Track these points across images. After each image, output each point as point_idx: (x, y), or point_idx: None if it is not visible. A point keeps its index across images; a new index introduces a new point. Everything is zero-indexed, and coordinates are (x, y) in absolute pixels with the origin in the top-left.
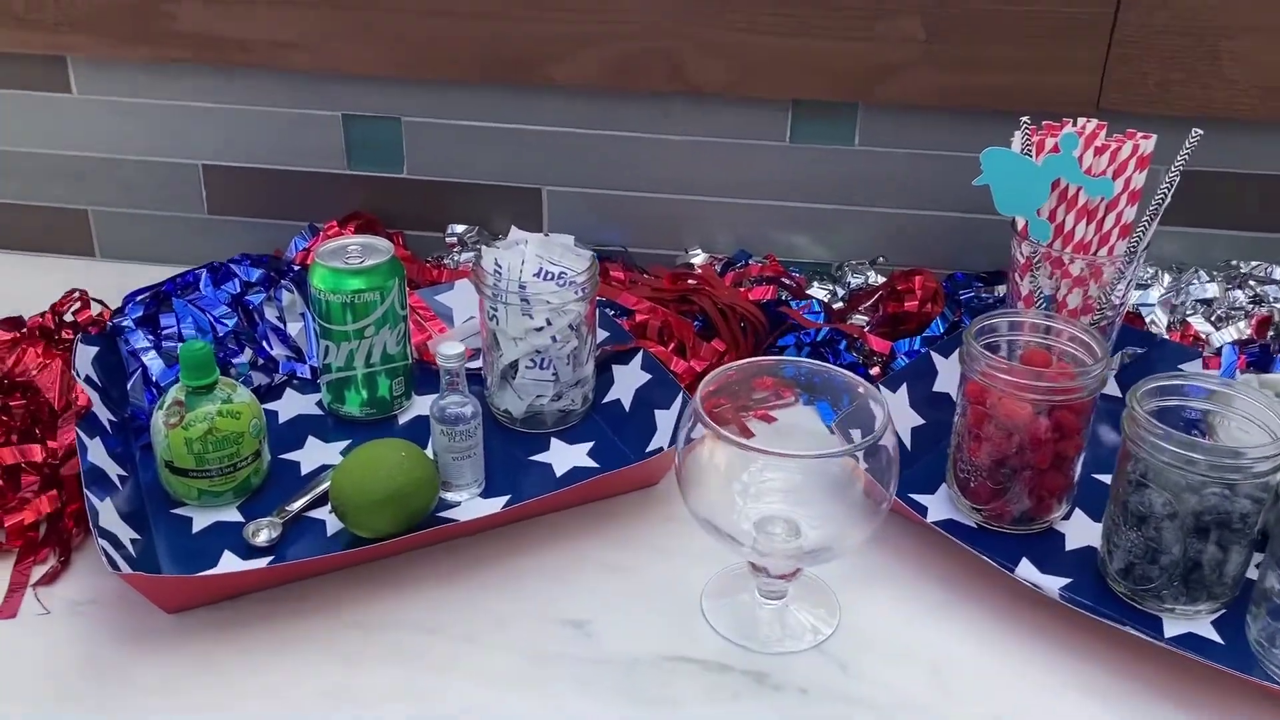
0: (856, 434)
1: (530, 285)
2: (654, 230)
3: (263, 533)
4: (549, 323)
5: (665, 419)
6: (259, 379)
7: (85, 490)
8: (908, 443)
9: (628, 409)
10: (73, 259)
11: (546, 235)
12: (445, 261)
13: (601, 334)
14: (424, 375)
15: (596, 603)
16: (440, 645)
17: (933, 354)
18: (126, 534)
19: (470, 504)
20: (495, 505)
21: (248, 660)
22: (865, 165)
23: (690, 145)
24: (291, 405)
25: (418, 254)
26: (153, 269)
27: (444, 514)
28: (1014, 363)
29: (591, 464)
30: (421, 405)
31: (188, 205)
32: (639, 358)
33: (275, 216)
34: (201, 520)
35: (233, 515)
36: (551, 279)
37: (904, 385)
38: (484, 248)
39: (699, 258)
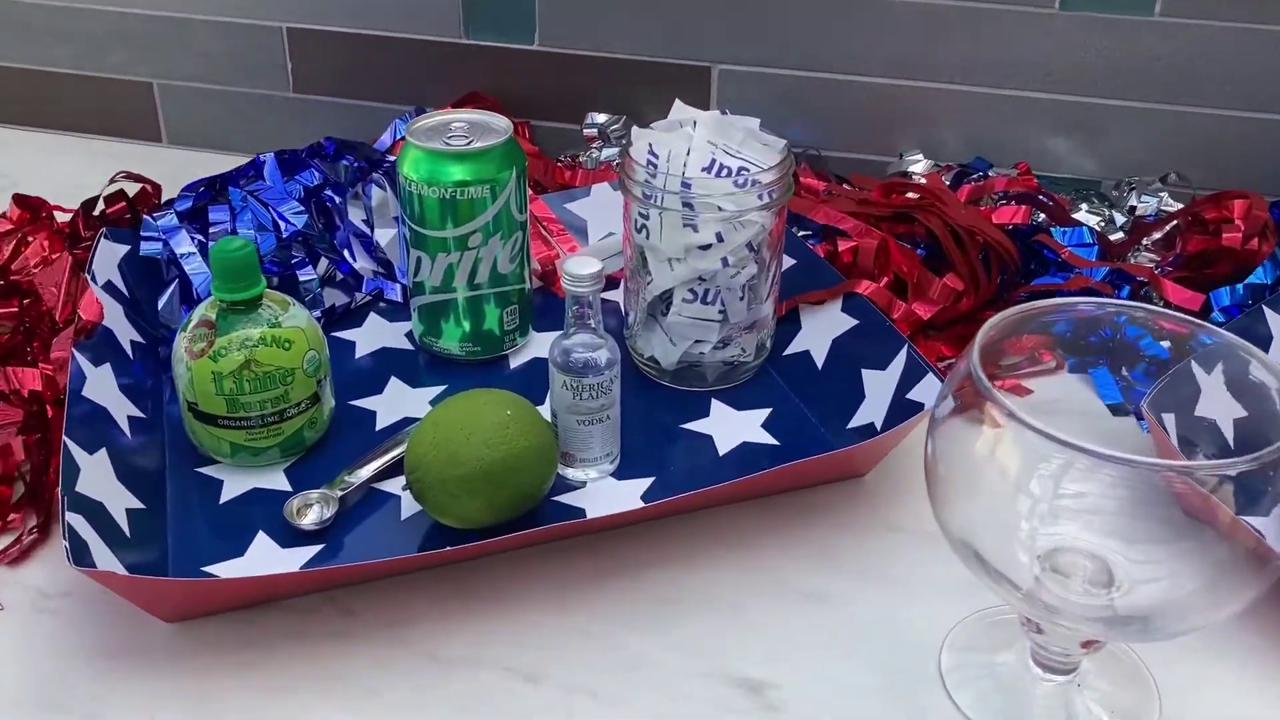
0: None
1: (697, 183)
2: (858, 126)
3: (311, 511)
4: (720, 239)
5: (878, 382)
6: (334, 298)
7: (65, 438)
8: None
9: (820, 365)
10: (135, 144)
11: (724, 112)
12: (581, 160)
13: (786, 261)
14: (545, 306)
15: (781, 651)
16: (545, 698)
17: (1268, 312)
18: (123, 502)
19: (599, 488)
20: (634, 491)
21: (269, 699)
22: (1165, 43)
23: (915, 10)
24: (373, 335)
25: (545, 150)
26: (227, 159)
27: (561, 499)
28: None
29: (767, 439)
30: (540, 346)
31: (269, 80)
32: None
33: (374, 97)
34: (234, 485)
35: (277, 481)
36: (727, 176)
37: (1219, 362)
38: (635, 129)
39: (919, 164)
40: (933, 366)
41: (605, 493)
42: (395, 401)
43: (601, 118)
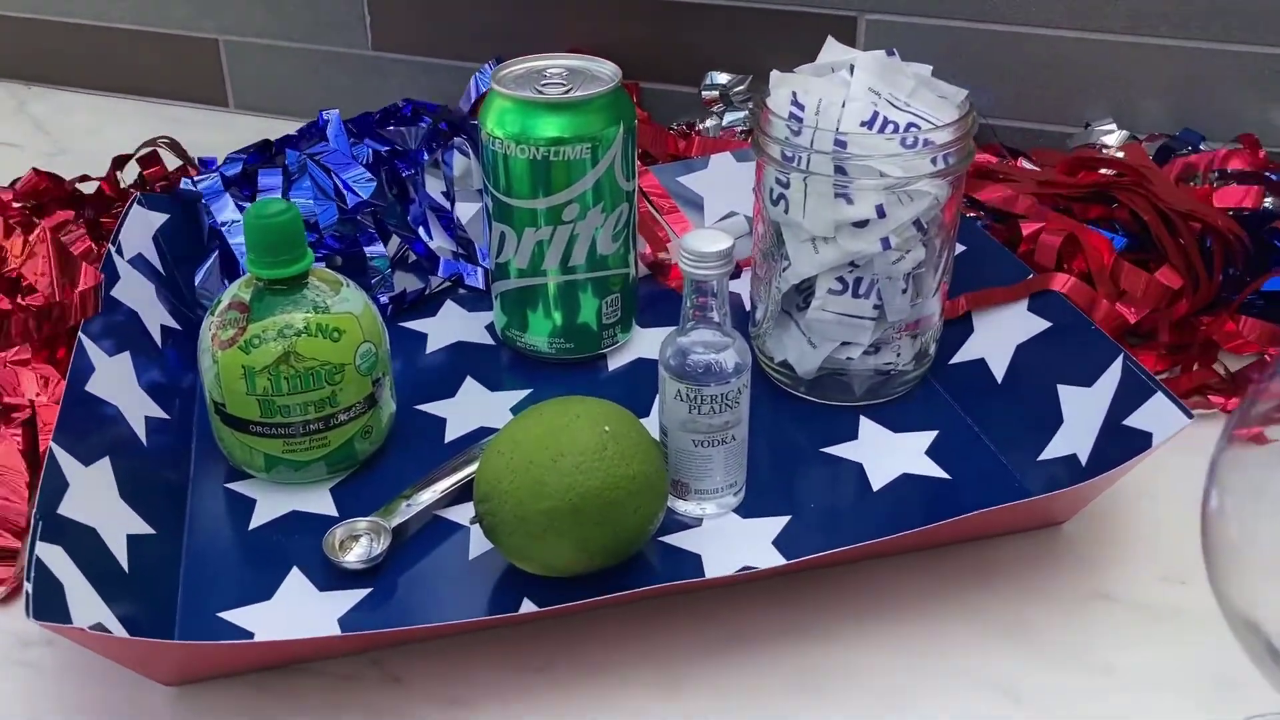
0: None
1: (854, 141)
2: (1036, 90)
3: (358, 545)
4: (881, 213)
5: (1081, 402)
6: (405, 282)
7: (53, 444)
8: None
9: (999, 377)
10: (199, 109)
11: (890, 53)
12: (700, 128)
13: (957, 248)
14: (652, 297)
15: None
16: None
17: None
18: (125, 525)
19: (719, 528)
20: (764, 535)
21: None
22: None
23: None
24: (449, 327)
25: (656, 115)
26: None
27: (670, 540)
28: None
29: (933, 470)
30: (645, 344)
31: (347, 36)
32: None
33: (462, 56)
34: (269, 506)
35: (321, 502)
36: (894, 133)
37: None
38: (775, 74)
39: (1113, 135)
40: (1166, 388)
41: (727, 534)
42: (470, 408)
43: (723, 78)
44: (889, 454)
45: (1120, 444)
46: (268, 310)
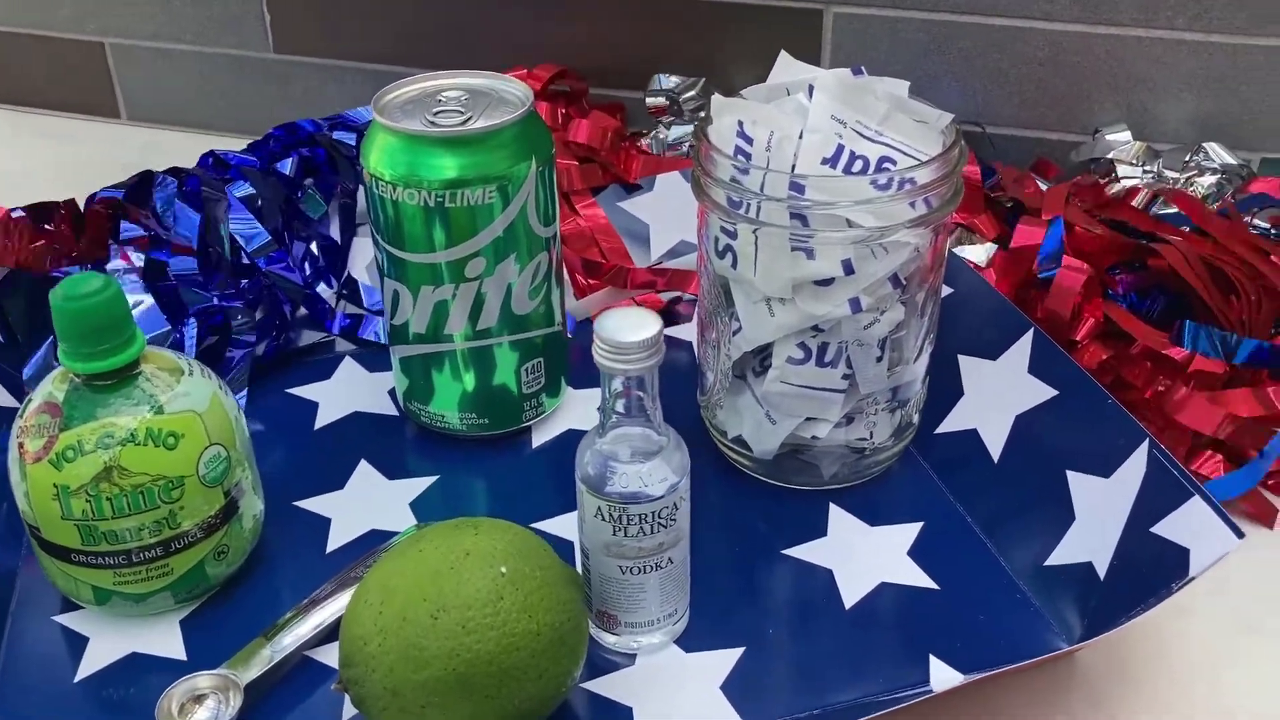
0: None
1: (814, 183)
2: (1035, 91)
3: (203, 709)
4: (849, 269)
5: (1096, 496)
6: (308, 338)
7: None
8: None
9: (996, 455)
10: (90, 121)
11: (857, 71)
12: (644, 142)
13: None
14: (587, 350)
15: None
16: None
17: None
18: None
19: (655, 666)
20: (712, 673)
21: None
22: None
23: None
24: (344, 392)
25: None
26: (199, 139)
27: (593, 687)
28: None
29: (918, 578)
30: (578, 409)
31: (245, 38)
32: (1026, 341)
33: (380, 58)
34: (104, 646)
35: (168, 640)
36: (863, 171)
37: None
38: (717, 99)
39: (1126, 147)
40: (1207, 492)
41: (666, 676)
42: (361, 503)
43: (672, 80)
44: (864, 555)
45: (1148, 558)
46: (85, 413)
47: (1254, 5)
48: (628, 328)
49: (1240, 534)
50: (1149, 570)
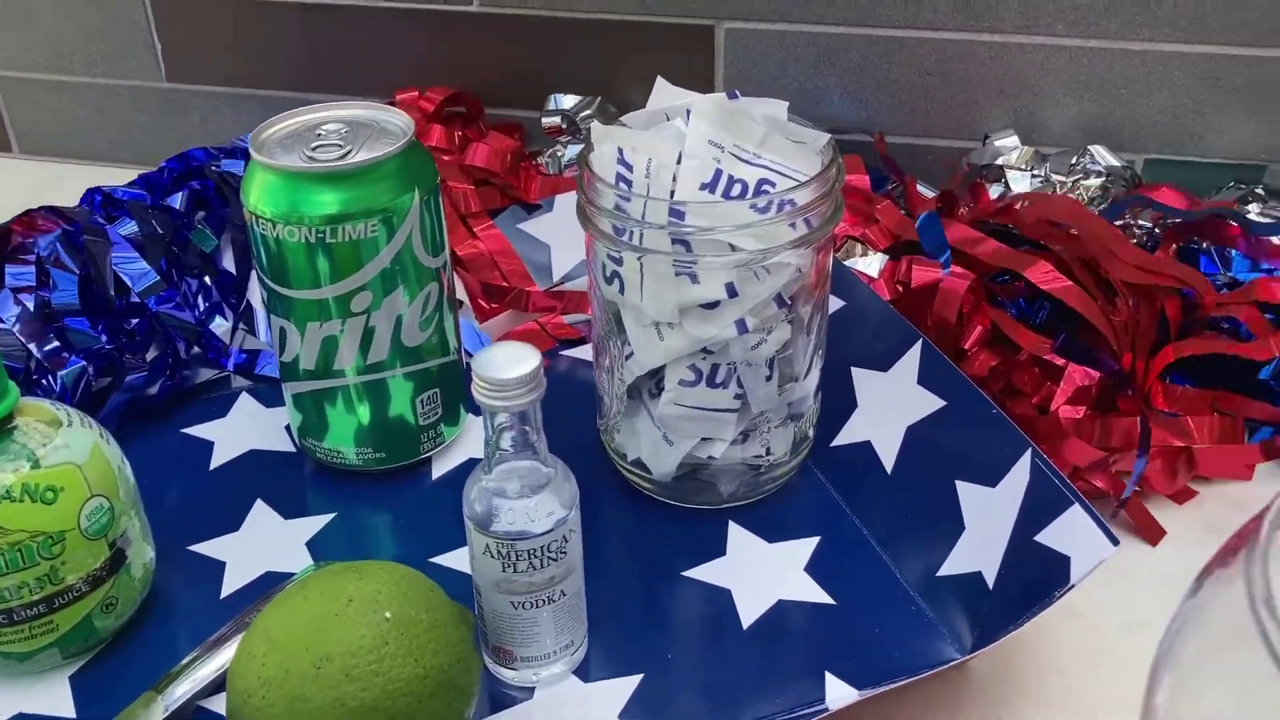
0: None
1: (694, 209)
2: (923, 100)
3: None
4: (733, 292)
5: (984, 506)
6: (205, 375)
7: None
8: None
9: (889, 467)
10: None
11: (733, 96)
12: (541, 161)
13: (834, 302)
14: None
15: None
16: None
17: None
18: None
19: (555, 698)
20: (610, 705)
21: None
22: None
23: None
24: (240, 431)
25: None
26: (95, 171)
27: None
28: None
29: (814, 594)
30: (481, 438)
31: (136, 67)
32: (915, 352)
33: (275, 84)
34: None
35: (57, 698)
36: (742, 195)
37: None
38: (596, 127)
39: (1014, 152)
40: (1085, 500)
41: (564, 708)
42: (257, 545)
43: (569, 100)
44: (762, 573)
45: (1033, 567)
46: None
47: (1127, 11)
48: (506, 364)
49: (1116, 541)
50: (1034, 578)
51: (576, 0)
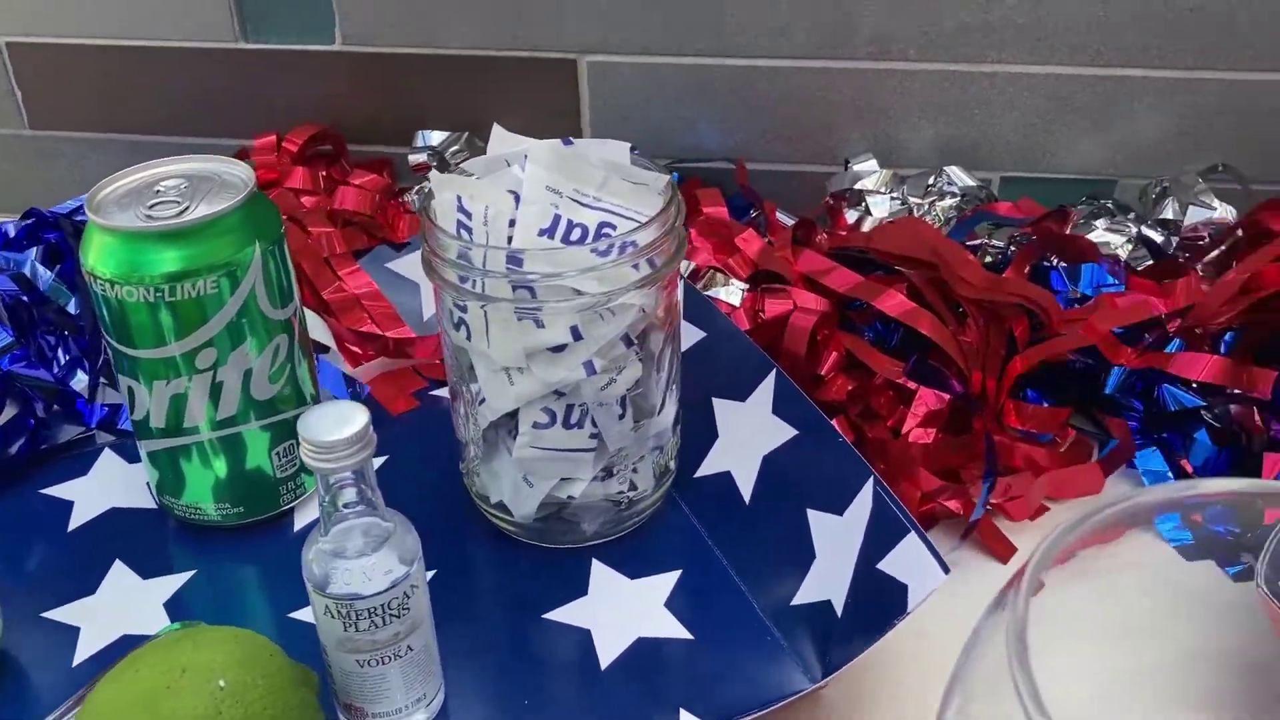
0: None
1: (534, 255)
2: (786, 127)
3: None
4: (578, 335)
5: (833, 534)
6: (69, 432)
7: None
8: None
9: (747, 496)
10: None
11: (568, 143)
12: (409, 199)
13: (693, 334)
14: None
15: None
16: None
17: None
18: None
19: None
20: None
21: None
22: None
23: None
24: (101, 489)
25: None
26: None
27: None
28: None
29: (673, 629)
30: None
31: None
32: (769, 382)
33: (146, 129)
34: None
35: None
36: (582, 239)
37: None
38: (435, 175)
39: (873, 176)
40: (920, 528)
41: None
42: (114, 607)
43: (437, 137)
44: (623, 611)
45: (876, 595)
46: None
47: (973, 36)
48: (332, 424)
49: (947, 570)
50: (877, 606)
51: (441, 36)
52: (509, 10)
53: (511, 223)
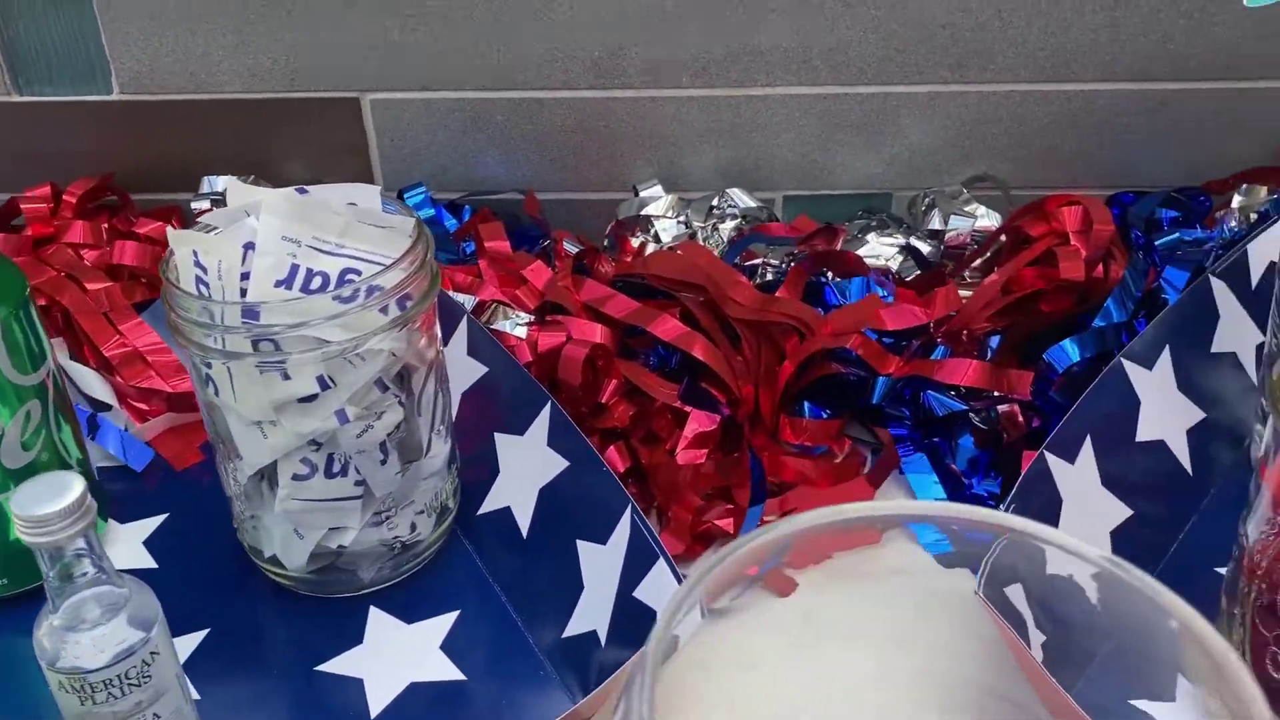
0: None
1: (271, 308)
2: (571, 157)
3: None
4: (327, 383)
5: (599, 564)
6: None
7: None
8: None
9: (525, 530)
10: None
11: (302, 191)
12: None
13: (475, 369)
14: (135, 490)
15: None
16: None
17: (1128, 367)
18: None
19: None
20: None
21: None
22: (944, 6)
23: None
24: None
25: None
26: None
27: None
28: None
29: (447, 671)
30: (124, 548)
31: None
32: (545, 414)
33: None
34: None
35: None
36: (322, 287)
37: (1087, 440)
38: (171, 231)
39: (659, 201)
40: (668, 554)
41: None
42: None
43: (221, 181)
44: (397, 657)
45: (633, 623)
46: None
47: (742, 62)
48: (45, 497)
49: None
50: (634, 635)
51: (219, 81)
52: (285, 52)
53: (246, 275)
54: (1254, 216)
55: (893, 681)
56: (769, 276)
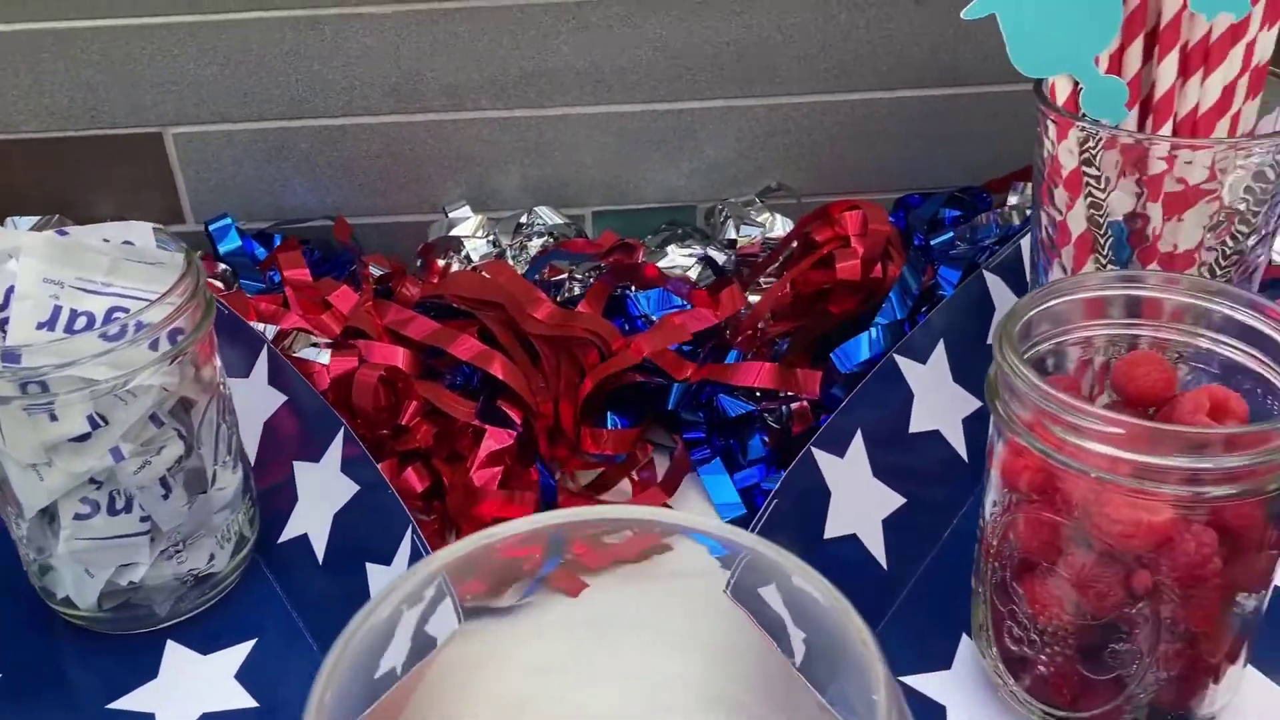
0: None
1: (34, 351)
2: (379, 181)
3: None
4: (98, 422)
5: (382, 580)
6: None
7: None
8: (878, 552)
9: (321, 556)
10: None
11: (63, 233)
12: None
13: (276, 398)
14: None
15: None
16: None
17: (900, 362)
18: None
19: None
20: None
21: None
22: (728, 25)
23: (401, 21)
24: None
25: None
26: None
27: None
28: (1117, 399)
29: (239, 699)
30: None
31: None
32: (339, 440)
33: None
34: None
35: None
36: (88, 327)
37: (857, 433)
38: None
39: (468, 222)
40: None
41: None
42: None
43: (25, 222)
44: (192, 689)
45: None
46: None
47: (538, 83)
48: None
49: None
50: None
51: (18, 122)
52: (81, 89)
53: (5, 321)
54: (1029, 212)
55: (667, 682)
56: (576, 291)
